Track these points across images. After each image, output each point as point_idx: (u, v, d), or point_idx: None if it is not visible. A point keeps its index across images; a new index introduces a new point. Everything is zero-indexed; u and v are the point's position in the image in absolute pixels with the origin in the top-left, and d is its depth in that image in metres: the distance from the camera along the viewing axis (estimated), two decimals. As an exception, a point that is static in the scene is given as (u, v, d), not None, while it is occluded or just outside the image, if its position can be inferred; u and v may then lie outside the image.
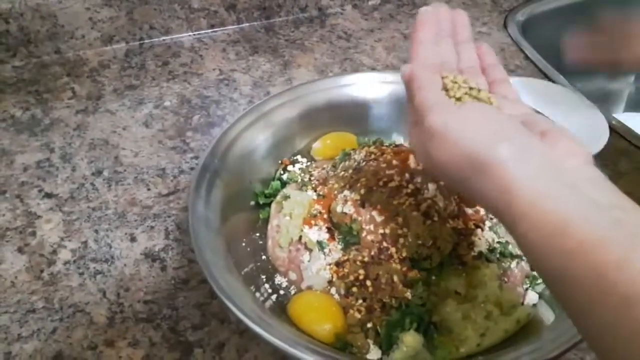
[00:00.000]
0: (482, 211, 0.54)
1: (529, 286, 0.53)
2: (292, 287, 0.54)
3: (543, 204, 0.31)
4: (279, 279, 0.55)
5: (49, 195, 0.66)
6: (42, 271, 0.58)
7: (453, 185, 0.39)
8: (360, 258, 0.51)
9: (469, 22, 0.49)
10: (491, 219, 0.54)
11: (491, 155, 0.34)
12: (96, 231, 0.62)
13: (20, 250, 0.60)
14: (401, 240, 0.50)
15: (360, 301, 0.50)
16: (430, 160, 0.38)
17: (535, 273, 0.54)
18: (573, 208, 0.31)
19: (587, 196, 0.31)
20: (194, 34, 0.92)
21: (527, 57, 0.90)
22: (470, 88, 0.41)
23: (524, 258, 0.54)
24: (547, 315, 0.50)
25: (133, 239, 0.61)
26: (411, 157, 0.54)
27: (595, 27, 0.85)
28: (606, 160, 0.69)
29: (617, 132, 0.74)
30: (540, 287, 0.53)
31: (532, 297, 0.52)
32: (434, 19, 0.47)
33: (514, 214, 0.32)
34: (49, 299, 0.56)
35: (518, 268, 0.53)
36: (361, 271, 0.50)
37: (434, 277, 0.50)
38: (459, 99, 0.40)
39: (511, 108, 0.40)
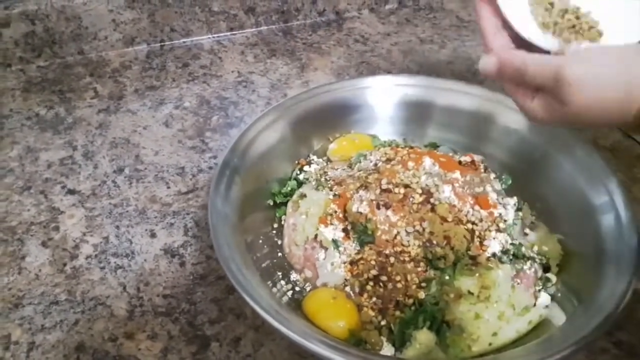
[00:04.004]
0: (496, 213, 0.55)
1: (542, 288, 0.53)
2: (308, 284, 0.55)
3: None
4: (294, 276, 0.56)
5: (71, 192, 0.68)
6: (64, 265, 0.60)
7: (592, 122, 0.42)
8: (374, 257, 0.52)
9: None
10: (505, 220, 0.55)
11: (630, 83, 0.39)
12: (117, 227, 0.64)
13: (44, 244, 0.62)
14: (415, 240, 0.51)
15: (374, 299, 0.51)
16: (570, 110, 0.41)
17: (547, 275, 0.54)
18: None
19: None
20: (214, 37, 0.94)
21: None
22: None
23: (537, 260, 0.55)
24: (559, 316, 0.51)
25: (153, 235, 0.63)
26: (427, 159, 0.55)
27: None
28: (621, 166, 0.70)
29: (632, 137, 0.74)
30: (553, 289, 0.54)
31: (544, 298, 0.52)
32: (491, 6, 0.49)
33: None
34: (71, 291, 0.58)
35: (531, 270, 0.53)
36: (375, 270, 0.51)
37: (447, 277, 0.51)
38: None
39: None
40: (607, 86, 0.40)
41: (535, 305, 0.52)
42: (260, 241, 0.58)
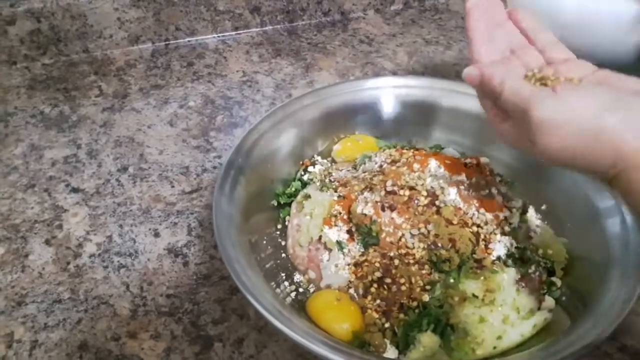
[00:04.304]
0: (502, 216, 0.55)
1: (546, 292, 0.53)
2: (311, 285, 0.55)
3: None
4: (298, 277, 0.56)
5: (75, 190, 0.68)
6: (68, 263, 0.60)
7: (558, 164, 0.41)
8: (379, 259, 0.52)
9: (501, 2, 0.50)
10: (510, 224, 0.55)
11: (600, 126, 0.37)
12: (121, 226, 0.64)
13: (47, 242, 0.62)
14: (420, 242, 0.51)
15: (378, 301, 0.50)
16: (535, 147, 0.39)
17: (552, 279, 0.54)
18: None
19: None
20: (219, 36, 0.94)
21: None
22: (543, 77, 0.43)
23: (541, 264, 0.54)
24: (563, 320, 0.51)
25: (156, 235, 0.63)
26: (432, 161, 0.55)
27: None
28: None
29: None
30: (557, 293, 0.53)
31: (549, 302, 0.52)
32: (481, 10, 0.48)
33: (632, 171, 0.36)
34: (74, 290, 0.58)
35: (536, 273, 0.53)
36: (380, 272, 0.51)
37: (452, 280, 0.51)
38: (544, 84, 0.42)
39: (582, 70, 0.43)
40: (576, 135, 0.38)
41: (539, 309, 0.52)
42: (264, 242, 0.58)
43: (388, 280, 0.51)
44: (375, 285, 0.51)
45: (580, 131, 0.38)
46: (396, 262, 0.51)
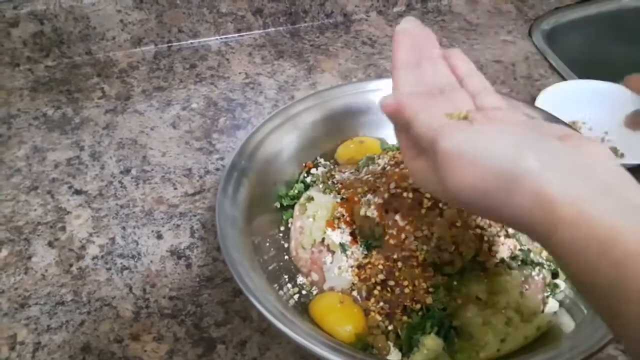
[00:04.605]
0: (505, 218, 0.54)
1: (550, 294, 0.53)
2: (314, 287, 0.55)
3: (584, 208, 0.30)
4: (301, 280, 0.56)
5: (78, 192, 0.68)
6: (71, 265, 0.60)
7: (473, 210, 0.37)
8: (382, 261, 0.52)
9: (435, 37, 0.47)
10: (513, 226, 0.55)
11: (519, 167, 0.32)
12: (124, 228, 0.64)
13: (50, 244, 0.62)
14: (424, 245, 0.51)
15: (381, 304, 0.50)
16: (446, 187, 0.36)
17: (556, 281, 0.54)
18: (617, 213, 0.29)
19: (627, 199, 0.30)
20: (221, 38, 0.94)
21: (551, 66, 0.90)
22: (466, 117, 0.38)
23: (545, 266, 0.54)
24: (567, 323, 0.51)
25: (159, 237, 0.63)
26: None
27: None
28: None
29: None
30: (561, 295, 0.53)
31: (552, 305, 0.52)
32: (410, 39, 0.45)
33: (554, 221, 0.31)
34: (77, 292, 0.58)
35: (539, 276, 0.53)
36: (383, 275, 0.51)
37: (455, 283, 0.50)
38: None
39: (513, 118, 0.38)
40: (489, 174, 0.33)
41: (543, 311, 0.52)
42: (267, 244, 0.58)
43: (391, 283, 0.50)
44: (378, 287, 0.51)
45: (496, 170, 0.33)
46: (399, 264, 0.51)
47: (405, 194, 0.53)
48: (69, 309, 0.56)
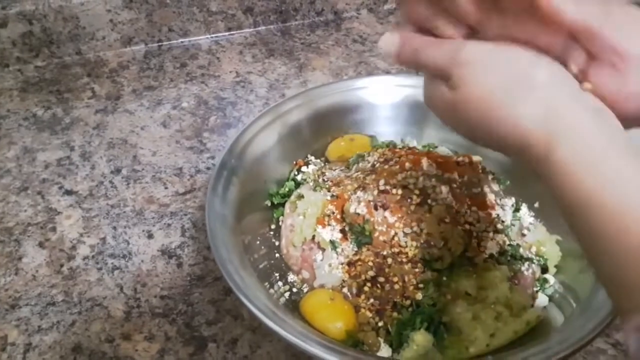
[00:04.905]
0: (494, 214, 0.55)
1: (539, 289, 0.53)
2: (305, 285, 0.55)
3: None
4: (292, 277, 0.56)
5: (69, 192, 0.68)
6: (62, 266, 0.60)
7: (474, 129, 0.36)
8: (372, 258, 0.52)
9: None
10: (503, 222, 0.55)
11: (534, 77, 0.33)
12: (114, 228, 0.64)
13: (41, 245, 0.62)
14: (413, 241, 0.51)
15: (371, 300, 0.51)
16: (456, 100, 0.35)
17: (545, 276, 0.54)
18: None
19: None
20: (212, 37, 0.94)
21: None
22: None
23: (534, 261, 0.55)
24: (557, 317, 0.51)
25: (150, 236, 0.63)
26: (424, 159, 0.55)
27: None
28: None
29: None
30: (551, 290, 0.54)
31: (542, 299, 0.52)
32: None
33: (559, 133, 0.31)
34: (68, 292, 0.58)
35: (529, 271, 0.53)
36: (373, 271, 0.51)
37: (444, 278, 0.51)
38: None
39: None
40: (499, 81, 0.33)
41: (533, 306, 0.52)
42: (258, 242, 0.58)
43: (381, 279, 0.51)
44: (368, 284, 0.51)
45: (509, 78, 0.33)
46: (389, 260, 0.51)
47: (394, 191, 0.53)
48: (59, 310, 0.56)
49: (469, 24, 0.37)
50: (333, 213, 0.55)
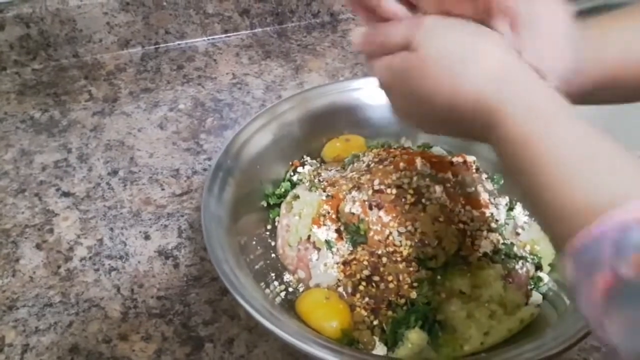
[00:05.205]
0: (488, 213, 0.55)
1: (533, 287, 0.54)
2: (301, 284, 0.55)
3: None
4: (288, 277, 0.56)
5: (66, 194, 0.68)
6: (59, 267, 0.60)
7: (442, 85, 0.37)
8: (367, 257, 0.52)
9: None
10: (497, 220, 0.55)
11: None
12: (111, 229, 0.64)
13: (38, 246, 0.62)
14: (407, 240, 0.52)
15: (366, 299, 0.51)
16: (422, 56, 0.37)
17: (539, 274, 0.55)
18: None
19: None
20: (209, 39, 0.94)
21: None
22: None
23: (529, 259, 0.55)
24: (551, 315, 0.51)
25: (147, 237, 0.63)
26: (418, 159, 0.56)
27: None
28: None
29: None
30: (544, 288, 0.54)
31: (536, 297, 0.53)
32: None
33: (510, 90, 0.34)
34: (65, 293, 0.58)
35: (523, 269, 0.54)
36: (368, 270, 0.52)
37: (439, 277, 0.51)
38: None
39: None
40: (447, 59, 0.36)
41: (527, 304, 0.52)
42: (254, 242, 0.58)
43: (376, 278, 0.51)
44: (363, 283, 0.51)
45: (455, 55, 0.36)
46: (384, 260, 0.51)
47: (388, 191, 0.53)
48: (57, 311, 0.56)
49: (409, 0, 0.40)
50: (328, 213, 0.56)
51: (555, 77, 0.37)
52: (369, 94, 0.70)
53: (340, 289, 0.52)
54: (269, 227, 0.61)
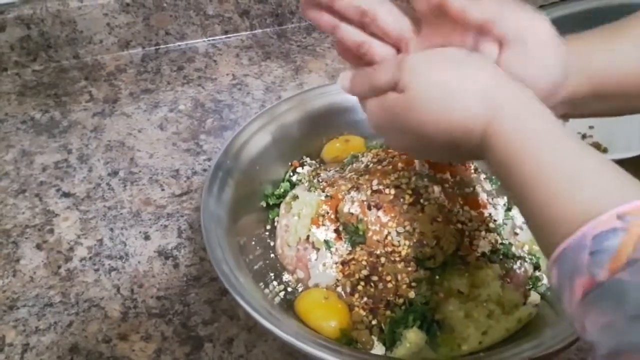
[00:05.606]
0: (486, 213, 0.55)
1: (532, 287, 0.54)
2: (300, 284, 0.55)
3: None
4: (287, 277, 0.56)
5: (66, 195, 0.68)
6: (59, 267, 0.61)
7: (434, 117, 0.39)
8: (365, 257, 0.52)
9: None
10: (495, 220, 0.56)
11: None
12: (111, 229, 0.64)
13: (38, 247, 0.63)
14: (406, 240, 0.52)
15: (365, 299, 0.51)
16: (411, 96, 0.39)
17: (537, 274, 0.55)
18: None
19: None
20: (209, 40, 0.94)
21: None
22: None
23: (527, 259, 0.55)
24: (549, 314, 0.51)
25: (147, 237, 0.63)
26: (416, 160, 0.56)
27: None
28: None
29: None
30: (542, 287, 0.54)
31: (534, 297, 0.53)
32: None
33: (496, 106, 0.37)
34: (65, 293, 0.58)
35: (521, 269, 0.54)
36: (366, 270, 0.52)
37: (437, 277, 0.51)
38: None
39: None
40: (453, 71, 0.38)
41: (525, 303, 0.52)
42: (253, 243, 0.58)
43: (375, 278, 0.51)
44: (362, 283, 0.52)
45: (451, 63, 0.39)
46: (382, 260, 0.52)
47: (387, 191, 0.53)
48: (57, 310, 0.57)
49: (392, 43, 0.43)
50: (327, 213, 0.56)
51: (543, 91, 0.39)
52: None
53: (339, 289, 0.53)
54: (268, 227, 0.61)
